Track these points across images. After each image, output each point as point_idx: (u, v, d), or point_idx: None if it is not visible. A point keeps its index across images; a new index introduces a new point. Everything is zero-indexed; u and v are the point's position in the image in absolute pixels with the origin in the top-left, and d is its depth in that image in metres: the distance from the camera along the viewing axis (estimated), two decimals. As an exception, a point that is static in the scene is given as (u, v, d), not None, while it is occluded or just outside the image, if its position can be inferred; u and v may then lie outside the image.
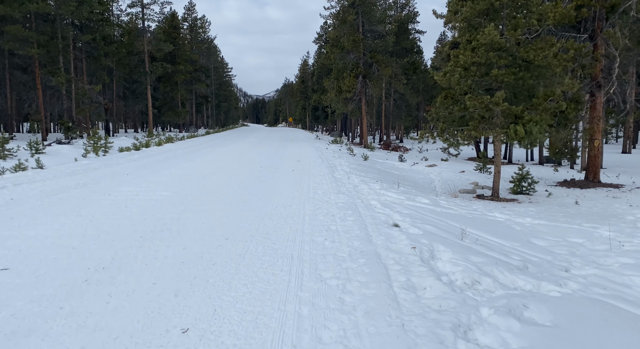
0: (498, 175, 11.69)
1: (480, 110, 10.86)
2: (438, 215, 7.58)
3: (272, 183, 10.30)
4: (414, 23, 45.57)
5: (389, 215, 6.99)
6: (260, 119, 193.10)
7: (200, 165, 14.09)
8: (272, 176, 11.67)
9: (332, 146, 26.87)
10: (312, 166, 14.26)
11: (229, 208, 7.37)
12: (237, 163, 14.78)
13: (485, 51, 10.73)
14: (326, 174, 12.15)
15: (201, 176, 11.48)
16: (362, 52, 29.34)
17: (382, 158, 21.19)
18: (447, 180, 14.74)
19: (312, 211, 7.13)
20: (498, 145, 11.72)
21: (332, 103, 33.33)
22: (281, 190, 9.36)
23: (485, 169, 16.21)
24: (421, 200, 9.27)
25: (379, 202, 8.10)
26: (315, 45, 58.31)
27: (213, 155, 18.27)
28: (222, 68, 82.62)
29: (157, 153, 19.07)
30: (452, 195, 11.73)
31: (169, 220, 6.51)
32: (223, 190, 9.30)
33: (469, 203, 10.36)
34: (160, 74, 41.49)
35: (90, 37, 30.15)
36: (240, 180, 10.76)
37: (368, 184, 10.41)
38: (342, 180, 10.97)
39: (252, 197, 8.46)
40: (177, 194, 8.72)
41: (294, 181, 10.68)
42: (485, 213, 8.72)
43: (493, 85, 11.45)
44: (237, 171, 12.64)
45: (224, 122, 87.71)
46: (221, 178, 11.07)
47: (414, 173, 15.93)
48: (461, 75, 11.11)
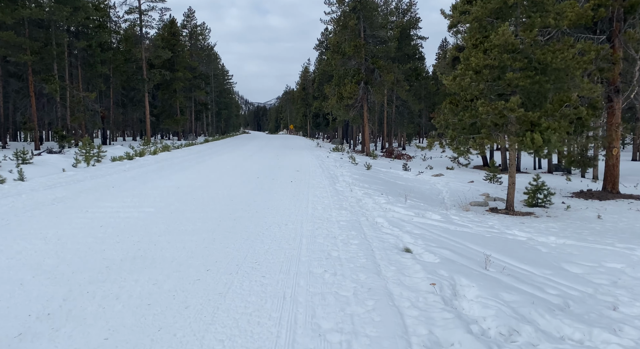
0: (513, 186, 10.82)
1: (494, 117, 10.03)
2: (453, 235, 6.71)
3: (268, 197, 9.44)
4: (416, 29, 44.98)
5: (398, 236, 6.12)
6: (262, 126, 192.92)
7: (192, 176, 13.26)
8: (268, 188, 10.82)
9: (333, 154, 26.05)
10: (312, 176, 13.42)
11: (217, 228, 6.51)
12: (232, 174, 13.95)
13: (499, 53, 9.92)
14: (327, 186, 11.30)
15: (191, 188, 10.64)
16: (363, 58, 28.63)
17: (386, 167, 20.34)
18: (455, 191, 13.87)
19: (310, 232, 6.27)
20: (512, 154, 10.87)
21: (333, 110, 32.57)
22: (277, 205, 8.50)
23: (496, 179, 15.34)
24: (432, 216, 8.40)
25: (386, 220, 7.23)
26: (316, 51, 57.79)
27: (208, 164, 17.45)
28: (222, 76, 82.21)
29: (151, 162, 18.26)
30: (463, 208, 10.85)
31: (146, 243, 5.65)
32: (213, 205, 8.45)
33: (483, 218, 9.48)
34: (158, 81, 40.86)
35: (85, 44, 29.52)
36: (233, 194, 9.91)
37: (372, 197, 9.55)
38: (344, 193, 10.12)
39: (244, 214, 7.61)
40: (161, 210, 7.88)
41: (292, 194, 9.83)
42: (504, 230, 7.84)
43: (506, 89, 10.63)
44: (231, 182, 11.80)
45: (224, 129, 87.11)
46: (212, 191, 10.23)
47: (420, 184, 15.06)
48: (472, 79, 10.29)
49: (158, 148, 26.90)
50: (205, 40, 62.63)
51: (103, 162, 18.59)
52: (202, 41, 61.78)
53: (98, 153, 18.91)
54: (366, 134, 30.76)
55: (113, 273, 4.47)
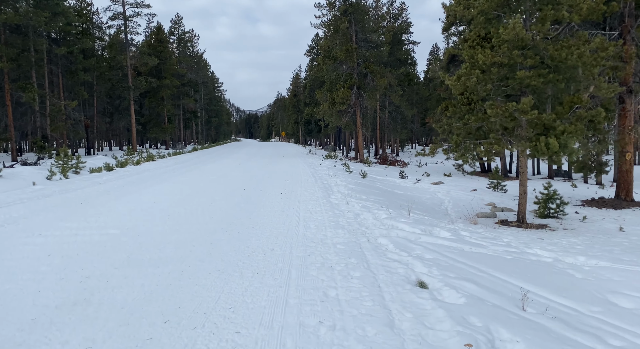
0: (524, 196, 9.84)
1: (503, 120, 9.05)
2: (470, 259, 5.66)
3: (254, 214, 8.34)
4: (407, 34, 44.32)
5: (407, 263, 5.06)
6: (253, 134, 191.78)
7: (173, 188, 12.12)
8: (255, 202, 9.72)
9: (326, 162, 25.02)
10: (304, 187, 12.34)
11: (188, 257, 5.41)
12: (217, 185, 12.83)
13: (509, 49, 8.97)
14: (320, 198, 10.22)
15: (169, 203, 9.51)
16: (355, 62, 27.73)
17: (381, 175, 19.33)
18: (457, 200, 12.86)
19: (301, 260, 5.18)
20: (524, 161, 9.89)
21: (325, 116, 31.57)
22: (264, 223, 7.41)
23: (500, 187, 14.36)
24: (440, 233, 7.36)
25: (390, 240, 6.17)
26: (307, 57, 56.97)
27: (192, 174, 16.30)
28: (212, 83, 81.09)
29: (131, 173, 17.08)
30: (471, 221, 9.83)
31: (97, 279, 4.54)
32: (189, 224, 7.33)
33: (495, 233, 8.46)
34: (145, 89, 39.67)
35: (66, 50, 28.29)
36: (214, 209, 8.80)
37: (372, 211, 8.49)
38: (340, 206, 9.04)
39: (224, 236, 6.50)
40: (128, 232, 6.75)
41: (281, 209, 8.74)
42: (524, 249, 6.82)
43: (516, 90, 9.69)
44: (214, 195, 10.68)
45: (214, 137, 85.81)
46: (192, 206, 9.11)
47: (420, 193, 14.05)
48: (479, 79, 9.32)
49: (142, 158, 25.70)
50: (194, 47, 61.57)
51: (82, 173, 17.39)
52: (190, 48, 60.72)
53: (77, 164, 17.72)
54: (360, 140, 29.78)
55: (37, 331, 3.35)
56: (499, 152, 9.36)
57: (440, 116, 23.42)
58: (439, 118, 23.61)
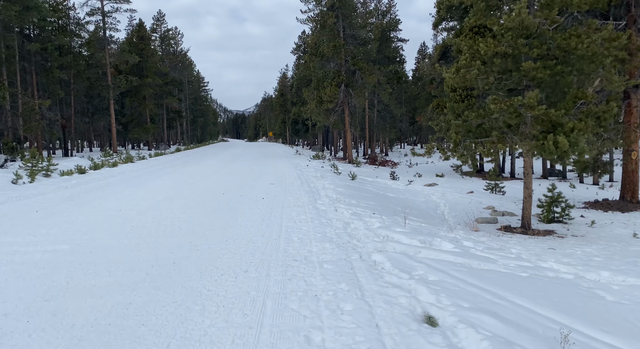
0: (529, 200, 9.01)
1: (507, 116, 8.20)
2: (482, 279, 4.77)
3: (230, 223, 7.36)
4: (395, 31, 43.62)
5: (410, 289, 4.14)
6: (241, 134, 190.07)
7: (145, 193, 11.06)
8: (233, 209, 8.73)
9: (313, 162, 24.06)
10: (288, 191, 11.37)
11: (142, 282, 4.41)
12: (194, 189, 11.79)
13: (513, 38, 8.12)
14: (306, 204, 9.26)
15: (137, 211, 8.46)
16: (343, 59, 26.83)
17: (372, 176, 18.45)
18: (454, 203, 12.02)
19: (279, 286, 4.23)
20: (528, 161, 9.06)
21: (312, 116, 30.63)
22: (239, 236, 6.43)
23: (498, 189, 13.55)
24: (441, 244, 6.46)
25: (386, 257, 5.24)
26: (293, 55, 55.98)
27: (170, 178, 15.22)
28: (197, 83, 79.60)
29: (104, 177, 15.92)
30: (471, 227, 8.98)
31: (14, 320, 3.52)
32: (152, 239, 6.31)
33: (500, 241, 7.61)
34: (126, 88, 38.25)
35: (39, 47, 26.87)
36: (186, 219, 7.79)
37: (363, 219, 7.56)
38: (328, 214, 8.09)
39: (191, 253, 5.51)
40: (78, 248, 5.72)
41: (262, 217, 7.76)
42: (538, 263, 5.95)
43: (519, 83, 8.85)
44: (189, 201, 9.66)
45: (200, 137, 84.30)
46: (162, 215, 8.08)
47: (413, 195, 13.18)
48: (480, 71, 8.46)
49: (121, 160, 24.47)
50: (178, 46, 60.13)
51: (53, 176, 16.18)
52: (174, 46, 59.28)
53: (47, 166, 16.52)
54: (348, 140, 28.90)
55: None
56: (503, 151, 8.50)
57: (432, 114, 22.67)
58: (431, 116, 22.86)
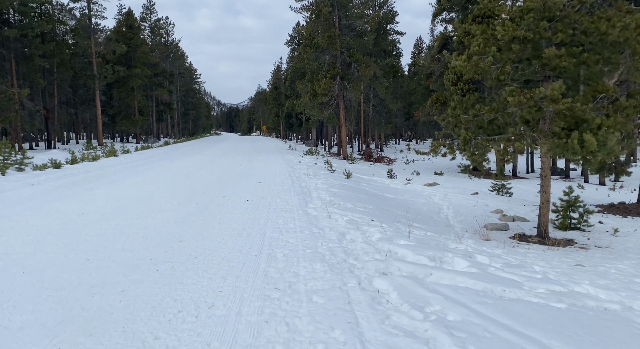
0: (547, 206, 8.00)
1: (527, 111, 7.16)
2: (514, 317, 3.73)
3: (205, 233, 6.27)
4: (392, 23, 42.42)
5: (427, 339, 3.10)
6: (234, 128, 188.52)
7: (117, 193, 9.92)
8: (212, 213, 7.64)
9: (306, 158, 22.97)
10: (277, 192, 10.30)
11: (68, 325, 3.33)
12: (173, 188, 10.67)
13: (534, 20, 7.07)
14: (295, 207, 8.19)
15: (102, 215, 7.35)
16: (339, 50, 25.67)
17: (367, 174, 17.41)
18: (458, 206, 11.01)
19: (252, 333, 3.16)
20: (546, 162, 8.04)
21: (306, 109, 29.50)
22: (212, 250, 5.35)
23: (505, 190, 12.55)
24: (454, 261, 5.43)
25: (392, 284, 4.20)
26: (287, 47, 54.58)
27: (151, 173, 14.08)
28: (189, 75, 78.02)
29: (80, 172, 14.74)
30: (481, 235, 7.97)
31: None
32: (106, 253, 5.22)
33: (518, 254, 6.61)
34: (113, 79, 36.82)
35: (18, 33, 25.44)
36: (155, 224, 6.70)
37: (361, 228, 6.51)
38: (320, 221, 7.03)
39: (147, 276, 4.43)
40: (9, 266, 4.62)
41: (242, 225, 6.68)
42: (571, 287, 4.94)
43: (537, 74, 7.81)
44: (163, 204, 8.55)
45: (192, 130, 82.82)
46: (129, 219, 6.98)
47: (413, 196, 12.15)
48: (495, 58, 7.40)
49: (104, 153, 23.23)
50: (169, 36, 58.53)
51: (26, 170, 15.01)
52: (165, 37, 57.68)
53: (22, 159, 15.36)
54: (343, 135, 27.81)
55: None
56: (521, 151, 7.48)
57: (431, 109, 21.66)
58: (429, 111, 21.85)
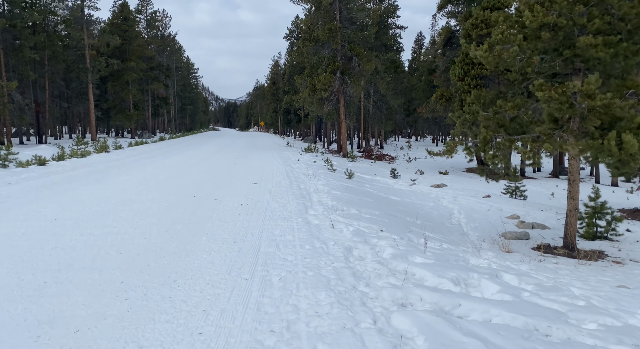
0: (575, 214, 7.19)
1: (557, 107, 6.32)
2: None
3: (189, 245, 5.43)
4: (394, 17, 41.46)
5: None
6: (232, 123, 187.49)
7: (100, 194, 9.06)
8: (200, 221, 6.80)
9: (305, 156, 22.11)
10: (274, 194, 9.45)
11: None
12: (161, 189, 9.82)
13: (569, 3, 6.21)
14: (294, 214, 7.35)
15: (73, 223, 6.50)
16: (339, 44, 24.75)
17: (370, 173, 16.57)
18: (470, 210, 10.19)
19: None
20: (576, 165, 7.22)
21: (305, 105, 28.61)
22: (195, 271, 4.51)
23: (519, 193, 11.72)
24: (481, 284, 4.61)
25: (416, 323, 3.36)
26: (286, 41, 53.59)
27: (141, 171, 13.20)
28: (187, 69, 76.97)
29: (65, 169, 13.86)
30: (501, 246, 7.15)
31: None
32: (70, 272, 4.38)
33: (548, 272, 5.79)
34: (107, 72, 35.81)
35: (5, 23, 24.43)
36: (133, 236, 5.85)
37: (369, 241, 5.68)
38: (323, 232, 6.18)
39: (112, 309, 3.59)
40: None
41: (234, 237, 5.83)
42: (626, 319, 4.12)
43: (566, 66, 6.96)
44: (148, 208, 7.70)
45: (189, 126, 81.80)
46: (102, 230, 6.13)
47: (420, 199, 11.33)
48: (522, 48, 6.54)
49: (96, 149, 22.33)
50: (166, 29, 57.42)
51: (10, 167, 14.18)
52: (162, 30, 56.56)
53: (6, 155, 14.54)
54: (343, 132, 26.94)
55: None
56: (552, 152, 6.64)
57: (435, 105, 20.82)
58: (434, 107, 21.01)
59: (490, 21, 17.26)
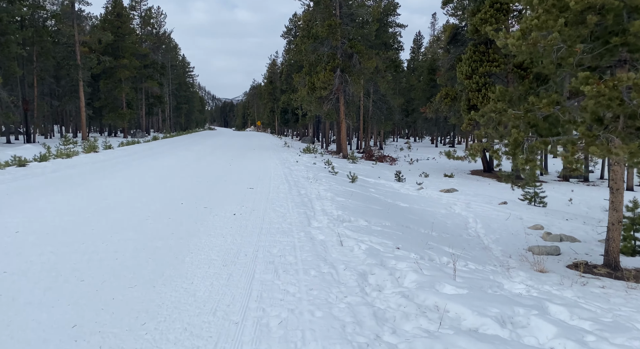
0: (618, 228, 6.25)
1: (605, 104, 5.38)
2: None
3: (167, 270, 4.47)
4: (394, 15, 40.55)
5: None
6: (229, 123, 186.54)
7: (77, 201, 8.06)
8: (186, 235, 5.83)
9: (304, 157, 21.15)
10: (272, 202, 8.49)
11: None
12: (147, 195, 8.83)
13: (622, -18, 5.28)
14: (295, 227, 6.38)
15: (35, 238, 5.52)
16: (339, 41, 23.80)
17: (372, 176, 15.63)
18: (487, 219, 9.25)
19: None
20: (620, 171, 6.28)
21: (303, 104, 27.65)
22: (173, 307, 3.56)
23: (539, 199, 10.79)
24: (532, 324, 3.67)
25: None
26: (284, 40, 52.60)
27: (127, 174, 12.20)
28: (182, 68, 75.86)
29: (46, 171, 12.83)
30: (532, 264, 6.22)
31: None
32: (13, 312, 3.40)
33: (599, 300, 4.86)
34: (100, 70, 34.72)
35: (-12, 16, 23.32)
36: (105, 255, 4.88)
37: (386, 264, 4.73)
38: (330, 251, 5.22)
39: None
40: None
41: (223, 259, 4.86)
42: None
43: (611, 57, 6.03)
44: (127, 218, 6.72)
45: (185, 125, 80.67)
46: (67, 249, 5.16)
47: (431, 206, 10.39)
48: (562, 35, 5.60)
49: (84, 148, 21.28)
50: (161, 27, 56.27)
51: (-12, 168, 13.13)
52: (157, 28, 55.42)
53: (-16, 156, 13.51)
54: (343, 132, 25.98)
55: None
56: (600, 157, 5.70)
57: (440, 105, 19.89)
58: (438, 107, 20.09)
59: (500, 16, 16.39)
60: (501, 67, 16.68)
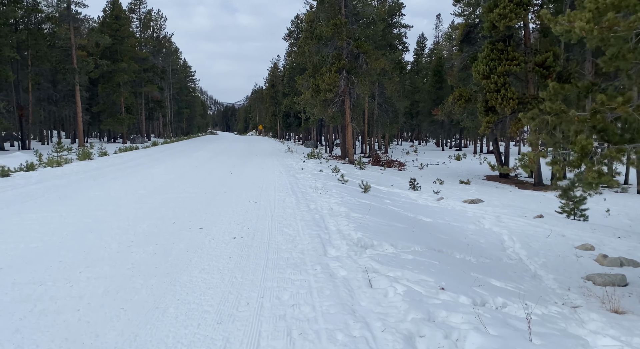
0: None
1: None
2: None
3: (143, 335, 3.32)
4: (399, 16, 39.44)
5: None
6: (231, 127, 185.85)
7: (57, 218, 6.91)
8: (173, 270, 4.68)
9: (309, 163, 19.99)
10: (277, 219, 7.32)
11: None
12: (135, 212, 7.68)
13: None
14: (308, 256, 5.21)
15: None
16: (345, 40, 22.67)
17: (384, 184, 14.44)
18: (524, 237, 8.05)
19: None
20: None
21: (307, 107, 26.51)
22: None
23: (579, 212, 9.56)
24: None
25: None
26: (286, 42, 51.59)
27: (119, 185, 11.06)
28: (183, 72, 74.99)
29: (31, 182, 11.73)
30: (604, 302, 5.02)
31: None
32: None
33: None
34: (98, 74, 33.66)
35: (-21, 18, 22.33)
36: (65, 301, 3.73)
37: (435, 318, 3.55)
38: (358, 297, 4.03)
39: None
40: None
41: (218, 312, 3.69)
42: None
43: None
44: (108, 244, 5.57)
45: (186, 130, 79.70)
46: (26, 287, 4.01)
47: (457, 220, 9.19)
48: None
49: (78, 155, 20.20)
50: (161, 30, 55.37)
51: (-31, 179, 12.07)
52: (157, 31, 54.52)
53: (-33, 166, 12.46)
54: (349, 136, 24.82)
55: None
56: None
57: (453, 107, 18.71)
58: (451, 108, 18.90)
59: (520, 11, 15.23)
60: (521, 65, 15.53)
